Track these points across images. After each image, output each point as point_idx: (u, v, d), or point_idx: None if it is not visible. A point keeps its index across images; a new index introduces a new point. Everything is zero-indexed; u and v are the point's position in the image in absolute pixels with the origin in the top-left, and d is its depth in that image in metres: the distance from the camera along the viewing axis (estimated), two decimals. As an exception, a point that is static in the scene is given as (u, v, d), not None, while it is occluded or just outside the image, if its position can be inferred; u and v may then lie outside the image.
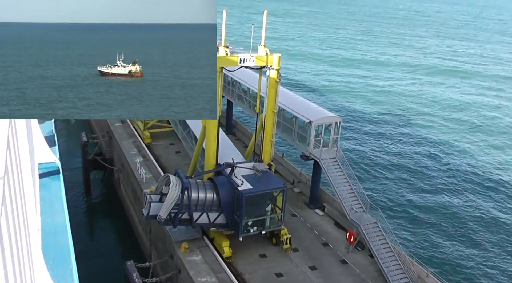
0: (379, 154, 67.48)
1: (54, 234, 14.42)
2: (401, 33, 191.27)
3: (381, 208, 40.52)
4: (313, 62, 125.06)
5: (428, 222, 50.64)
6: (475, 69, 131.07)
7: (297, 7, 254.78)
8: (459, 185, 60.15)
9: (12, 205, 8.43)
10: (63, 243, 13.93)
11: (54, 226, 14.92)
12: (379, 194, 55.23)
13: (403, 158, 66.72)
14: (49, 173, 18.46)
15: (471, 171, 64.05)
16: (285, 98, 41.48)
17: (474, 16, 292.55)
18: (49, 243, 13.70)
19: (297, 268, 33.36)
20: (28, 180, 11.78)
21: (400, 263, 33.34)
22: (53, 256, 13.03)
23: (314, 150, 38.99)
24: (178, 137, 48.39)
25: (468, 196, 57.22)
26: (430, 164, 65.54)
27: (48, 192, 17.04)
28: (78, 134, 56.83)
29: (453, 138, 75.82)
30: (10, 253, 7.49)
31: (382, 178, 60.05)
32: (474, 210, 54.04)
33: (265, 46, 34.90)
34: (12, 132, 9.95)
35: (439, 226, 49.94)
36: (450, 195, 57.12)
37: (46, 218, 14.99)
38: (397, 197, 55.33)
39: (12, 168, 9.01)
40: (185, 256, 33.10)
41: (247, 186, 32.70)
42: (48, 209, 15.76)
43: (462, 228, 50.13)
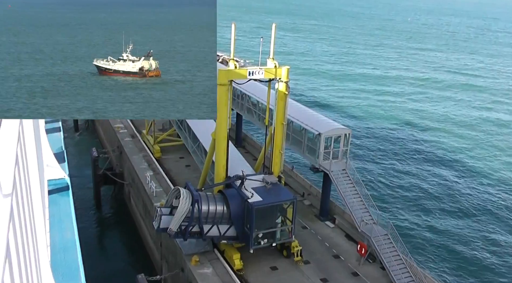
0: (388, 166, 67.22)
1: (63, 250, 14.49)
2: (410, 46, 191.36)
3: (392, 219, 40.35)
4: (321, 75, 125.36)
5: (441, 233, 50.24)
6: (487, 83, 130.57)
7: (305, 21, 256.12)
8: (473, 197, 59.68)
9: (21, 221, 8.48)
10: (72, 259, 14.01)
11: (64, 242, 15.03)
12: (390, 205, 54.94)
13: (412, 171, 66.37)
14: (58, 189, 18.61)
15: (483, 188, 63.43)
16: (294, 110, 41.62)
17: (482, 29, 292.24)
18: (59, 259, 13.77)
19: (308, 280, 33.19)
20: (37, 196, 11.84)
21: (412, 275, 33.06)
22: (63, 272, 13.06)
23: (323, 162, 38.99)
24: (188, 151, 48.61)
25: (479, 214, 56.57)
26: (442, 172, 65.24)
27: (57, 208, 17.18)
28: (88, 149, 57.26)
29: (464, 154, 75.16)
30: (18, 269, 7.52)
31: (392, 186, 59.81)
32: (486, 228, 53.37)
33: (273, 59, 35.14)
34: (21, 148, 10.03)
35: (453, 238, 49.50)
36: (464, 205, 56.66)
37: (55, 234, 15.18)
38: (408, 207, 55.04)
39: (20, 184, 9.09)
40: (196, 269, 33.08)
41: (257, 198, 32.72)
42: (57, 225, 15.90)
43: (478, 240, 49.62)
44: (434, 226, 51.65)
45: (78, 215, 52.37)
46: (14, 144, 9.18)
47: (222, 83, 32.89)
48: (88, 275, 38.60)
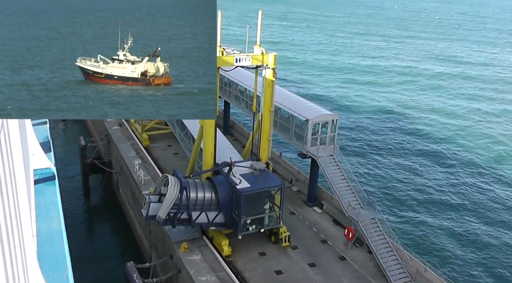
0: (376, 149, 67.92)
1: (49, 240, 14.39)
2: (398, 34, 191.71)
3: (379, 204, 40.81)
4: (308, 63, 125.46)
5: (426, 217, 50.98)
6: (474, 71, 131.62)
7: (292, 9, 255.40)
8: (456, 180, 60.54)
9: (5, 212, 8.45)
10: (59, 249, 13.93)
11: (50, 232, 14.88)
12: (377, 190, 55.58)
13: (399, 154, 67.11)
14: (44, 179, 18.35)
15: (468, 175, 64.27)
16: (282, 97, 41.75)
17: (470, 15, 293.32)
18: (45, 250, 13.69)
19: (296, 265, 33.55)
20: (22, 186, 11.72)
21: (399, 258, 33.55)
22: (49, 262, 13.05)
23: (311, 148, 39.22)
24: (176, 139, 48.62)
25: (466, 191, 57.58)
26: (427, 160, 65.93)
27: (44, 198, 16.94)
28: (76, 138, 57.04)
29: (451, 142, 75.92)
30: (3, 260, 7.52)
31: (379, 174, 60.42)
32: (472, 205, 54.39)
33: (260, 46, 35.16)
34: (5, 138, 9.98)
35: (437, 221, 50.27)
36: (447, 191, 57.44)
37: (41, 224, 15.00)
38: (394, 193, 55.73)
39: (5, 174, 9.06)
40: (185, 256, 33.28)
41: (245, 184, 32.90)
42: (44, 215, 15.70)
43: (460, 223, 50.46)
44: (419, 210, 52.38)
45: (66, 204, 52.47)
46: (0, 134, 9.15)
47: (209, 70, 32.81)
48: (77, 265, 38.83)
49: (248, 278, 32.11)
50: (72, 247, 14.52)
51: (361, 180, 53.04)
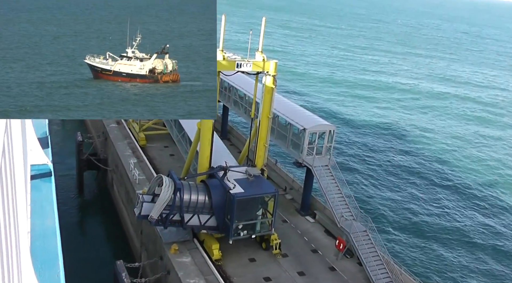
0: (371, 163, 68.04)
1: (43, 237, 14.26)
2: (398, 51, 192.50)
3: (371, 216, 40.88)
4: (309, 73, 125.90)
5: (419, 232, 51.11)
6: (470, 90, 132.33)
7: (297, 18, 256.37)
8: (451, 193, 60.89)
9: (4, 207, 8.48)
10: (52, 247, 13.82)
11: (44, 229, 14.74)
12: (370, 203, 55.67)
13: (394, 170, 67.28)
14: (41, 175, 18.16)
15: (465, 187, 64.60)
16: (281, 105, 41.89)
17: (472, 35, 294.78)
18: (38, 246, 13.57)
19: (285, 273, 33.55)
20: (20, 182, 11.71)
21: (389, 271, 33.58)
22: (41, 260, 12.94)
23: (307, 157, 39.33)
24: (173, 140, 48.65)
25: (460, 204, 57.88)
26: (422, 177, 66.10)
27: (39, 194, 16.78)
28: (73, 133, 57.02)
29: (446, 155, 76.49)
30: None
31: (373, 187, 60.53)
32: (466, 219, 54.63)
33: (262, 52, 35.31)
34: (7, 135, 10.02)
35: (430, 236, 50.40)
36: (442, 203, 57.68)
37: (35, 221, 14.86)
38: (387, 206, 55.82)
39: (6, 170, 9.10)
40: (175, 258, 33.25)
41: (239, 189, 32.94)
42: (38, 212, 15.55)
43: (453, 237, 50.65)
44: (413, 224, 52.50)
45: (60, 199, 52.10)
46: (2, 129, 9.19)
47: (210, 74, 32.97)
48: (68, 261, 38.43)
49: (237, 283, 32.11)
50: (63, 243, 14.50)
51: (355, 192, 53.12)
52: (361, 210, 38.27)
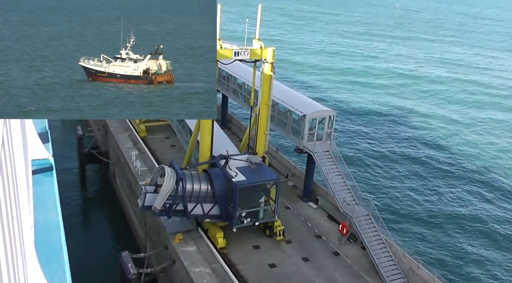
0: (372, 147, 68.17)
1: (47, 231, 14.29)
2: (397, 35, 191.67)
3: (374, 200, 41.06)
4: (308, 59, 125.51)
5: (420, 214, 51.36)
6: (469, 72, 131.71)
7: (295, 5, 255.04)
8: (451, 177, 60.98)
9: (6, 202, 8.54)
10: (56, 240, 13.84)
11: (47, 223, 14.78)
12: (372, 187, 55.88)
13: (395, 152, 67.44)
14: (42, 170, 18.06)
15: (464, 165, 64.78)
16: (280, 92, 41.86)
17: (471, 16, 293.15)
18: (42, 240, 13.61)
19: (290, 259, 33.77)
20: (21, 177, 11.74)
21: (392, 254, 33.77)
22: (46, 253, 12.97)
23: (308, 143, 39.38)
24: (173, 131, 48.72)
25: (459, 189, 58.04)
26: (423, 161, 66.22)
27: (41, 189, 16.74)
28: (73, 127, 57.10)
29: (446, 139, 76.54)
30: (4, 250, 7.62)
31: (375, 171, 60.73)
32: (466, 203, 54.81)
33: (259, 40, 35.23)
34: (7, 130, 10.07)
35: (431, 219, 50.66)
36: (441, 188, 57.83)
37: (38, 215, 14.89)
38: (389, 190, 56.05)
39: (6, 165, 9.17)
40: (180, 247, 33.48)
41: (241, 177, 33.05)
42: (41, 206, 15.56)
43: (453, 221, 50.86)
44: (414, 207, 52.71)
45: (63, 193, 52.40)
46: (1, 125, 9.23)
47: (208, 63, 32.97)
48: (73, 254, 38.35)
49: (242, 270, 32.31)
50: (68, 236, 14.64)
51: (357, 177, 53.27)
52: (363, 194, 38.38)
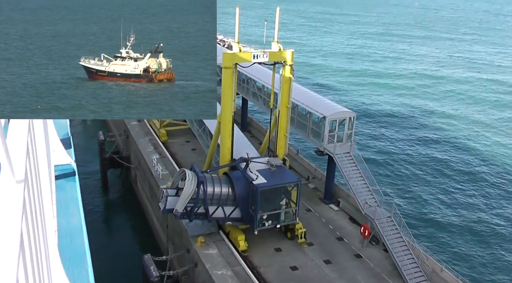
0: (393, 149, 67.57)
1: (70, 235, 14.63)
2: (417, 35, 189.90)
3: (395, 202, 40.68)
4: (327, 61, 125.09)
5: (443, 217, 50.65)
6: (492, 72, 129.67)
7: (312, 7, 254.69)
8: (475, 180, 60.00)
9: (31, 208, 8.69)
10: (79, 244, 14.18)
11: (70, 227, 15.14)
12: (394, 189, 55.36)
13: (417, 153, 66.69)
14: (65, 175, 18.57)
15: (488, 168, 63.71)
16: (299, 94, 41.82)
17: (492, 13, 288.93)
18: (65, 244, 13.92)
19: (311, 262, 33.65)
20: (45, 182, 11.94)
21: (415, 257, 33.41)
22: (69, 257, 13.26)
23: (328, 145, 39.24)
24: (194, 135, 48.97)
25: (485, 192, 57.04)
26: (445, 160, 65.36)
27: (64, 194, 17.21)
28: (95, 133, 57.80)
29: (471, 136, 75.52)
30: (29, 254, 7.75)
31: (396, 172, 60.15)
32: (490, 207, 53.84)
33: (278, 42, 35.25)
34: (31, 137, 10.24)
35: (455, 222, 49.91)
36: (466, 191, 56.92)
37: (62, 220, 15.25)
38: (411, 192, 55.46)
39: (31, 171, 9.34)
40: (201, 250, 33.62)
41: (262, 180, 33.06)
42: (64, 211, 15.94)
43: (478, 224, 49.99)
44: (437, 209, 52.04)
45: (85, 197, 52.82)
46: (25, 132, 9.40)
47: (227, 66, 33.14)
48: (96, 257, 38.65)
49: (264, 273, 32.30)
50: (91, 240, 14.80)
51: (378, 178, 52.83)
52: (385, 196, 38.04)
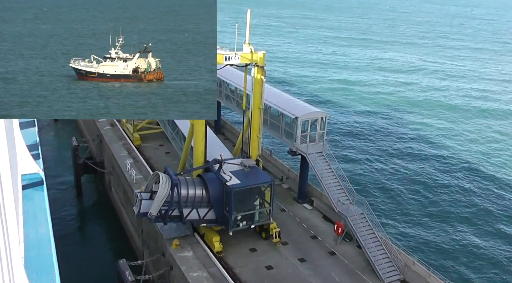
0: (365, 148, 68.75)
1: (38, 246, 14.32)
2: (385, 32, 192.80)
3: (368, 199, 41.38)
4: (299, 62, 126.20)
5: (414, 211, 51.79)
6: (454, 70, 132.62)
7: (284, 11, 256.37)
8: (443, 174, 61.43)
9: None
10: (47, 255, 13.86)
11: (38, 238, 14.80)
12: (366, 186, 56.29)
13: (388, 151, 67.99)
14: (32, 184, 18.20)
15: (457, 168, 65.21)
16: (272, 95, 42.23)
17: (460, 16, 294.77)
18: (32, 256, 13.63)
19: (286, 261, 33.98)
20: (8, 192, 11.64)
21: (387, 252, 34.05)
22: (36, 269, 12.96)
23: (301, 145, 39.71)
24: (167, 139, 48.94)
25: (452, 185, 58.54)
26: (416, 157, 66.77)
27: (32, 204, 16.82)
28: (68, 138, 57.26)
29: (439, 132, 77.33)
30: None
31: (369, 170, 61.20)
32: (459, 199, 55.32)
33: (249, 44, 35.59)
34: None
35: (425, 216, 51.11)
36: (434, 185, 58.29)
37: (29, 230, 14.92)
38: (383, 188, 56.58)
39: None
40: (177, 253, 33.66)
41: (236, 181, 33.29)
42: (32, 221, 15.61)
43: (447, 217, 51.32)
44: (408, 205, 53.14)
45: (58, 204, 52.21)
46: None
47: (199, 69, 33.29)
48: (70, 265, 38.10)
49: (239, 273, 32.50)
50: (64, 247, 14.59)
51: (351, 177, 53.61)
52: (357, 193, 38.68)
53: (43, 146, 57.72)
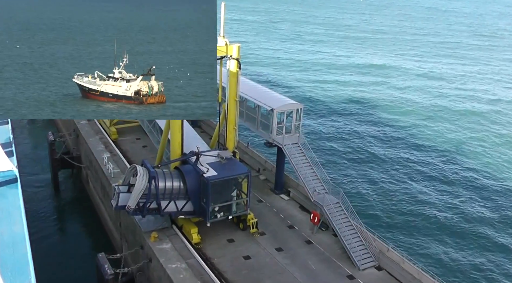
0: (339, 138, 69.99)
1: (12, 245, 14.15)
2: (360, 22, 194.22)
3: (343, 188, 42.20)
4: (274, 57, 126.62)
5: (388, 199, 52.96)
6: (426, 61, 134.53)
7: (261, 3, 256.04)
8: (416, 163, 62.94)
9: None
10: (22, 254, 13.71)
11: (12, 236, 14.64)
12: (341, 175, 57.28)
13: (363, 141, 69.33)
14: (6, 182, 18.06)
15: (431, 155, 66.63)
16: (247, 88, 42.61)
17: (433, 9, 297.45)
18: (8, 255, 13.51)
19: (264, 251, 34.53)
20: None
21: (362, 239, 34.85)
22: (11, 268, 12.88)
23: (277, 137, 40.21)
24: (144, 132, 48.97)
25: (425, 174, 60.08)
26: (390, 146, 68.07)
27: (6, 202, 16.68)
28: (44, 133, 56.82)
29: (415, 123, 78.74)
30: None
31: (344, 160, 62.31)
32: (434, 185, 56.66)
33: (224, 37, 35.84)
34: None
35: (398, 203, 52.40)
36: (408, 174, 59.55)
37: (4, 229, 14.82)
38: (357, 177, 57.64)
39: None
40: (155, 245, 33.91)
41: (213, 172, 33.63)
42: (5, 219, 15.45)
43: (421, 203, 52.62)
44: (383, 193, 54.37)
45: (35, 200, 51.78)
46: None
47: (174, 62, 33.47)
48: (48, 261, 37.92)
49: (217, 263, 32.94)
50: (42, 243, 14.57)
51: (326, 166, 54.49)
52: (332, 183, 39.38)
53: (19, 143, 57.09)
